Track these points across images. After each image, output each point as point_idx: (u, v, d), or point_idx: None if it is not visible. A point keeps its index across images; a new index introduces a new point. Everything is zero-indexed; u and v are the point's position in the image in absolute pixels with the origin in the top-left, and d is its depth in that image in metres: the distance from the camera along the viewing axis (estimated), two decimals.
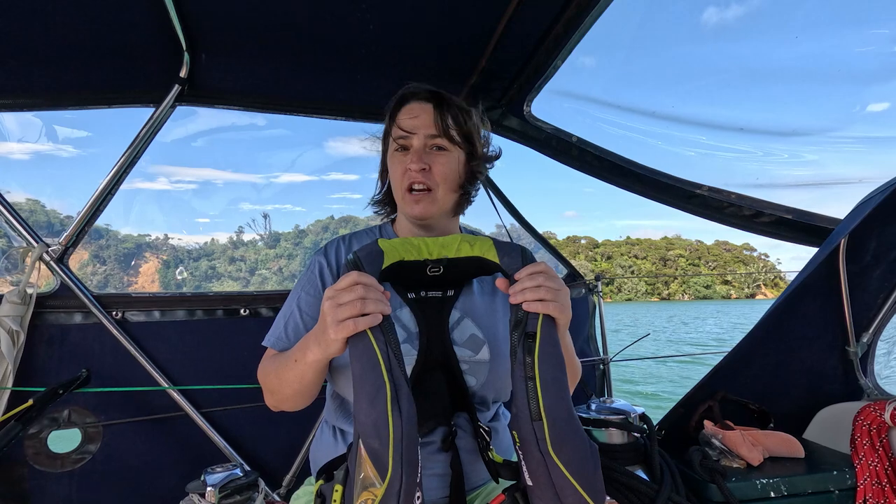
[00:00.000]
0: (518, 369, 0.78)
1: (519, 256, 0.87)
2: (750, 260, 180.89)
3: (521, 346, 0.78)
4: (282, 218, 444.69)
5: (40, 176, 65.58)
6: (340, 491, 0.76)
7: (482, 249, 0.91)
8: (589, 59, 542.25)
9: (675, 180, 1.77)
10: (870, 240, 1.56)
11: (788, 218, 1.63)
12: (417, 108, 1.08)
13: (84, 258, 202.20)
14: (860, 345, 1.66)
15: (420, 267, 0.91)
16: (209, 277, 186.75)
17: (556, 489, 0.74)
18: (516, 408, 0.78)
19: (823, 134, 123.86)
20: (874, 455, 1.39)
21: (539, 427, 0.75)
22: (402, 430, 0.70)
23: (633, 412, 1.49)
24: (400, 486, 0.68)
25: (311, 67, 1.69)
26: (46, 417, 1.59)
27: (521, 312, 0.80)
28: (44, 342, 1.61)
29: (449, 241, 0.93)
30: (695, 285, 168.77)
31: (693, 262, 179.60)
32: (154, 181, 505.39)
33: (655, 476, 1.36)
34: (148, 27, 1.43)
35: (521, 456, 0.78)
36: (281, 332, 1.05)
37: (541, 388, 0.76)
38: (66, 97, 1.65)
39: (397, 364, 0.74)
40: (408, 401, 0.73)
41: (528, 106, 1.92)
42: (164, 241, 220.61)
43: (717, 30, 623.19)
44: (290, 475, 1.81)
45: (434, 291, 0.98)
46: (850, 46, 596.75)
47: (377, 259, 0.85)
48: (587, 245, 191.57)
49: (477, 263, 0.92)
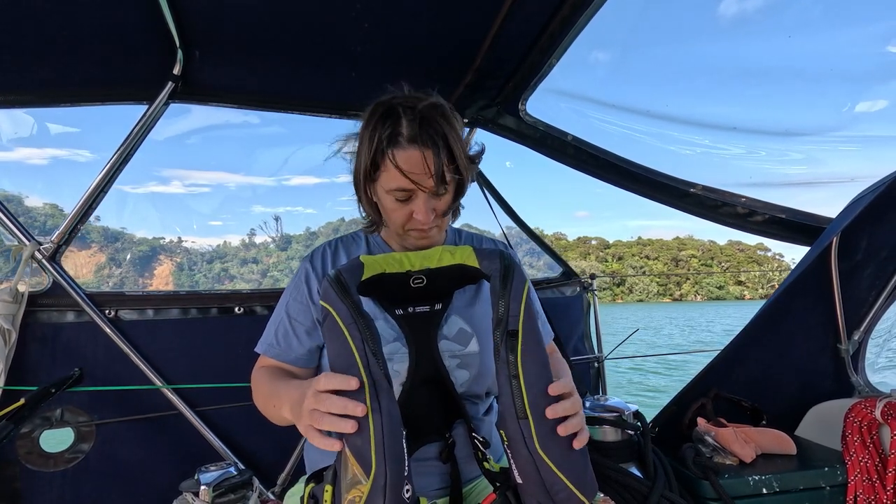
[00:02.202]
0: (502, 368, 0.78)
1: (497, 259, 0.88)
2: (764, 260, 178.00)
3: (504, 344, 0.79)
4: (293, 220, 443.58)
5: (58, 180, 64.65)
6: (330, 491, 0.77)
7: (462, 257, 0.92)
8: (601, 53, 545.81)
9: (669, 179, 1.78)
10: (861, 238, 1.57)
11: (782, 217, 1.65)
12: (417, 156, 0.92)
13: (101, 261, 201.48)
14: (851, 342, 1.67)
15: (403, 279, 0.92)
16: (222, 279, 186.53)
17: (546, 486, 0.75)
18: (502, 406, 0.78)
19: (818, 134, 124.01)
20: (865, 451, 1.41)
21: (525, 425, 0.75)
22: (382, 425, 0.71)
23: (626, 410, 1.50)
24: (385, 480, 0.69)
25: (306, 65, 1.69)
26: (39, 416, 1.58)
27: (501, 310, 0.81)
28: (36, 341, 1.59)
29: (430, 253, 0.94)
30: (707, 286, 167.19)
31: (706, 262, 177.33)
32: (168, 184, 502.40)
33: (649, 473, 1.37)
34: (141, 24, 1.42)
35: (510, 454, 0.79)
36: (272, 338, 1.07)
37: (525, 385, 0.76)
38: (59, 94, 1.63)
39: (376, 362, 0.75)
40: (388, 397, 0.73)
41: (524, 104, 1.92)
42: (178, 244, 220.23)
43: (716, 28, 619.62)
44: (285, 473, 1.80)
45: (422, 306, 0.97)
46: (842, 46, 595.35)
47: (357, 272, 0.87)
48: (598, 246, 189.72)
49: (459, 271, 0.93)
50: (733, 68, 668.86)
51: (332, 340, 0.77)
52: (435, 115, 0.94)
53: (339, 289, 0.80)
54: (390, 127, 0.93)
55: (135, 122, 1.67)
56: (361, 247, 1.15)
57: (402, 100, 0.96)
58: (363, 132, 0.98)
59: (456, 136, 0.97)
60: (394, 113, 0.94)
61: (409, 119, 0.92)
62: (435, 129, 0.93)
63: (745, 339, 1.67)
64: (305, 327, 1.05)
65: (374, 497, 0.69)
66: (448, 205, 1.03)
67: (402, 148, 0.93)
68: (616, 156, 1.86)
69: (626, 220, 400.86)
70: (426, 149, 0.92)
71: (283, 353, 1.05)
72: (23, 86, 1.58)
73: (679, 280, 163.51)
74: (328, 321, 0.79)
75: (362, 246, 1.15)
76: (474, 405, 1.06)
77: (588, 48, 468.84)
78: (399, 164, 0.92)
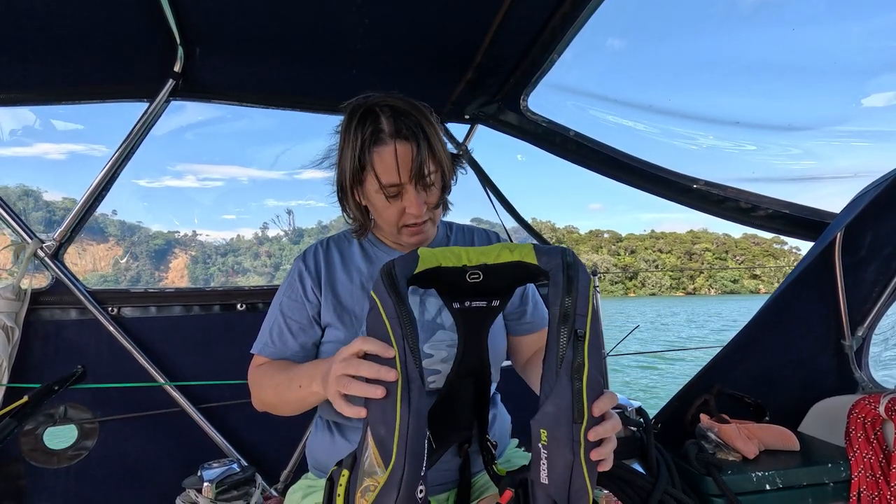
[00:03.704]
0: (564, 368, 0.76)
1: (558, 255, 0.85)
2: (780, 254, 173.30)
3: (571, 345, 0.76)
4: (305, 214, 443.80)
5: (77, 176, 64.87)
6: (347, 476, 0.77)
7: (522, 254, 0.90)
8: (616, 40, 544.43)
9: (671, 174, 1.77)
10: (865, 234, 1.56)
11: (785, 212, 1.64)
12: (402, 150, 0.95)
13: (118, 253, 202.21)
14: (855, 338, 1.66)
15: (459, 273, 0.90)
16: (235, 273, 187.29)
17: (571, 490, 0.74)
18: (554, 406, 0.76)
19: (820, 128, 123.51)
20: (868, 448, 1.40)
21: (578, 430, 0.74)
22: (409, 420, 0.70)
23: (629, 406, 1.50)
24: (402, 475, 0.69)
25: (306, 63, 1.68)
26: (42, 414, 1.58)
27: (568, 306, 0.78)
28: (39, 338, 1.60)
29: (488, 249, 0.92)
30: (721, 279, 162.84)
31: (720, 256, 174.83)
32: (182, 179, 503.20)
33: (652, 469, 1.37)
34: (142, 21, 1.42)
35: (545, 455, 0.76)
36: (267, 338, 1.06)
37: (587, 390, 0.75)
38: (60, 92, 1.63)
39: (413, 359, 0.74)
40: (419, 394, 0.73)
41: (525, 100, 1.92)
42: (193, 238, 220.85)
43: (718, 22, 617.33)
44: (288, 470, 1.81)
45: (479, 301, 0.96)
46: (848, 39, 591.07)
47: (410, 265, 0.85)
48: (610, 239, 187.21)
49: (517, 268, 0.90)
50: (735, 62, 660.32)
51: (374, 333, 0.77)
52: (410, 111, 0.98)
53: (388, 282, 0.79)
54: (371, 126, 0.96)
55: (136, 120, 1.67)
56: (354, 245, 1.14)
57: (377, 99, 0.98)
58: (344, 136, 1.00)
59: (433, 129, 1.00)
60: (371, 113, 0.97)
61: (388, 116, 0.96)
62: (413, 122, 0.96)
63: (747, 335, 1.66)
64: (300, 325, 1.05)
65: (389, 490, 0.69)
66: (437, 197, 1.04)
67: (385, 144, 0.95)
68: (619, 151, 1.85)
69: (640, 212, 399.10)
70: (409, 142, 0.96)
71: (279, 352, 1.05)
72: (24, 83, 1.58)
73: (693, 273, 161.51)
74: (373, 313, 0.79)
75: (354, 244, 1.14)
76: None
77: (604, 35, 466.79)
78: (385, 159, 0.95)
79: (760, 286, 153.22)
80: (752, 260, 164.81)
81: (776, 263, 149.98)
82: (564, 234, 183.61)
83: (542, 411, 0.77)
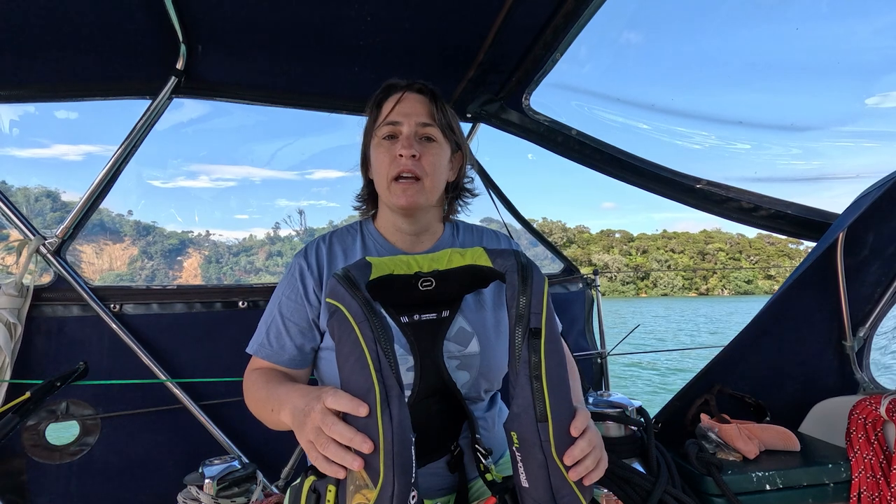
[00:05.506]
0: (522, 368, 0.75)
1: (512, 256, 0.85)
2: (795, 254, 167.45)
3: (526, 344, 0.75)
4: (316, 214, 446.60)
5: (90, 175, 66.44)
6: (334, 491, 0.75)
7: (474, 257, 0.89)
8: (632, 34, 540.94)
9: (674, 174, 1.77)
10: (867, 234, 1.56)
11: (787, 212, 1.63)
12: (409, 97, 1.08)
13: (134, 253, 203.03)
14: (856, 339, 1.66)
15: (411, 281, 0.89)
16: (248, 272, 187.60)
17: (554, 490, 0.73)
18: (518, 408, 0.75)
19: (825, 129, 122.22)
20: (869, 449, 1.40)
21: (544, 429, 0.73)
22: (392, 435, 0.68)
23: (630, 405, 1.49)
24: (393, 490, 0.67)
25: (309, 60, 1.68)
26: (44, 410, 1.59)
27: (522, 306, 0.78)
28: (41, 334, 1.60)
29: (439, 255, 0.91)
30: (735, 280, 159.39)
31: (734, 256, 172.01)
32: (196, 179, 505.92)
33: (652, 469, 1.36)
34: (144, 19, 1.42)
35: (520, 457, 0.76)
36: (263, 338, 1.05)
37: (548, 388, 0.74)
38: (63, 89, 1.63)
39: (388, 363, 0.71)
40: (398, 402, 0.70)
41: (527, 99, 1.91)
42: (206, 238, 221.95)
43: (719, 21, 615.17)
44: (289, 467, 1.81)
45: (428, 314, 0.94)
46: (852, 39, 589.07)
47: (365, 271, 0.84)
48: (621, 239, 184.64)
49: (470, 272, 0.89)
50: (739, 61, 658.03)
51: (342, 340, 0.74)
52: (425, 84, 1.12)
53: (348, 284, 0.77)
54: (386, 89, 1.12)
55: (138, 118, 1.67)
56: (356, 239, 1.13)
57: (400, 79, 1.13)
58: (369, 110, 1.14)
59: (444, 104, 1.11)
60: (391, 84, 1.13)
61: (404, 83, 1.11)
62: (427, 87, 1.11)
63: (749, 335, 1.66)
64: (299, 327, 1.03)
65: None
66: (435, 157, 1.06)
67: (394, 93, 1.10)
68: (620, 150, 1.84)
69: (652, 212, 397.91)
70: (415, 92, 1.09)
71: (276, 355, 1.03)
72: (26, 80, 1.58)
73: (705, 274, 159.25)
74: (337, 319, 0.75)
75: (357, 238, 1.13)
76: (473, 404, 1.05)
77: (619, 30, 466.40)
78: (392, 101, 1.08)
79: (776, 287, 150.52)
80: (766, 260, 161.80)
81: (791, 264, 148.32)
82: (575, 234, 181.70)
83: (510, 413, 0.77)
